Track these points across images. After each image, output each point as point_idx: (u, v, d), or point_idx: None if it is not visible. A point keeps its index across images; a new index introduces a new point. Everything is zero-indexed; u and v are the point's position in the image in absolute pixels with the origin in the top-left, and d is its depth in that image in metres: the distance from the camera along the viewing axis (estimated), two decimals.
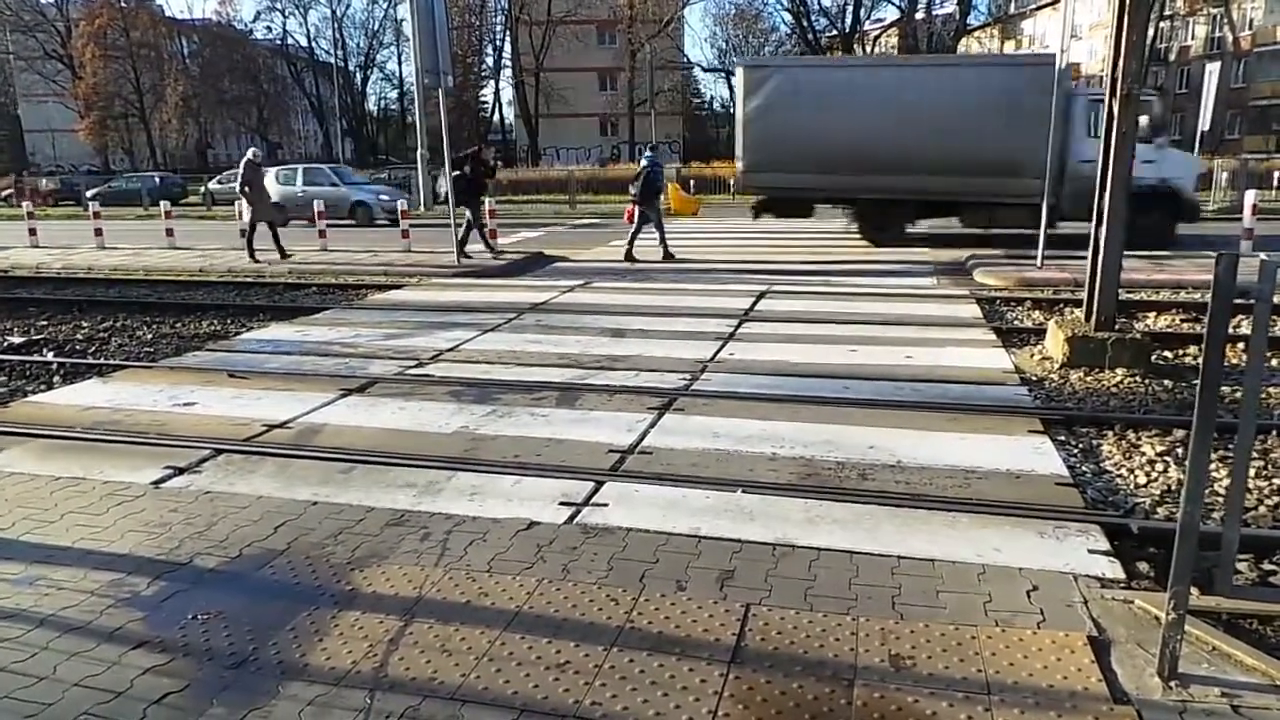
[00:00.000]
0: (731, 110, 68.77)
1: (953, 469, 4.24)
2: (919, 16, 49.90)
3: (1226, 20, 40.89)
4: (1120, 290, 6.55)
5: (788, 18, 53.94)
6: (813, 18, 48.24)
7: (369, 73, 67.46)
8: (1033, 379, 6.13)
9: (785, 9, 56.37)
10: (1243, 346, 6.31)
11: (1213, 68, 19.28)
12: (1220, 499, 3.83)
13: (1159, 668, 2.55)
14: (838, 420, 5.02)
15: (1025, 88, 12.47)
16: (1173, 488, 4.16)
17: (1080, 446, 4.76)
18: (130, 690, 2.57)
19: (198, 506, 3.92)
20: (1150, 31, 6.90)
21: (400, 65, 67.26)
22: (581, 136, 54.53)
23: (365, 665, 2.68)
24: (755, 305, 8.95)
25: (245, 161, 13.43)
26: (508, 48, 55.92)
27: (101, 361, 7.30)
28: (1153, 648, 2.62)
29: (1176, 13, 44.23)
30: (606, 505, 3.87)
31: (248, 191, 13.27)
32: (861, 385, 5.80)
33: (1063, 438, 4.83)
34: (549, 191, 31.66)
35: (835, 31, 49.05)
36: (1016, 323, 8.30)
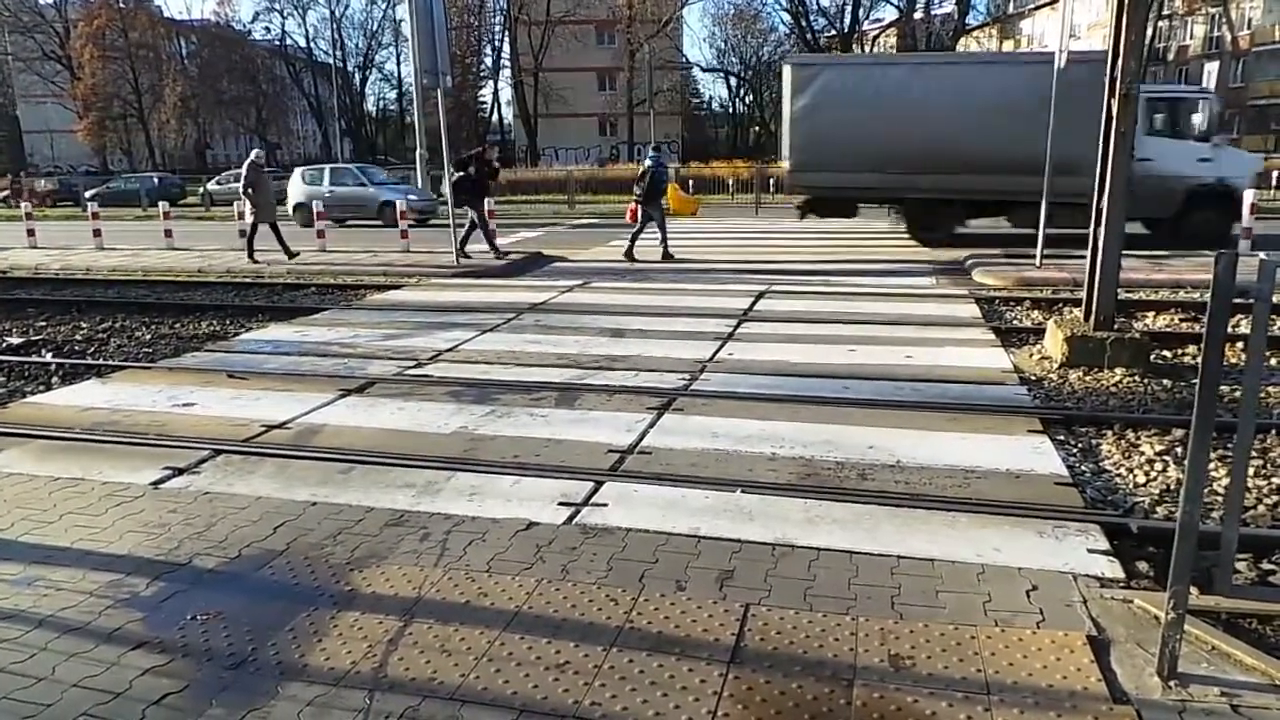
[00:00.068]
0: (730, 110, 69.39)
1: (952, 469, 4.24)
2: (918, 16, 49.94)
3: (1225, 20, 40.87)
4: (1119, 290, 6.56)
5: (786, 18, 54.10)
6: (811, 18, 48.31)
7: (368, 73, 67.65)
8: (1032, 378, 6.13)
9: (784, 9, 56.64)
10: (1242, 346, 6.32)
11: (1211, 67, 19.31)
12: (1219, 498, 3.84)
13: (1158, 667, 2.55)
14: (837, 420, 5.02)
15: (1081, 85, 11.74)
16: (1172, 487, 4.16)
17: (1079, 446, 4.76)
18: (129, 691, 2.57)
19: (197, 507, 3.92)
20: (1149, 31, 6.93)
21: (399, 65, 67.38)
22: (580, 136, 54.57)
23: (364, 665, 2.68)
24: (754, 305, 8.95)
25: (249, 163, 13.42)
26: (506, 48, 56.00)
27: (100, 362, 7.29)
28: (1152, 647, 2.62)
29: (1175, 12, 44.24)
30: (606, 505, 3.87)
31: (251, 193, 13.25)
32: (861, 385, 5.80)
33: (1062, 437, 4.83)
34: (548, 191, 31.64)
35: (834, 32, 49.09)
36: (1016, 322, 8.31)
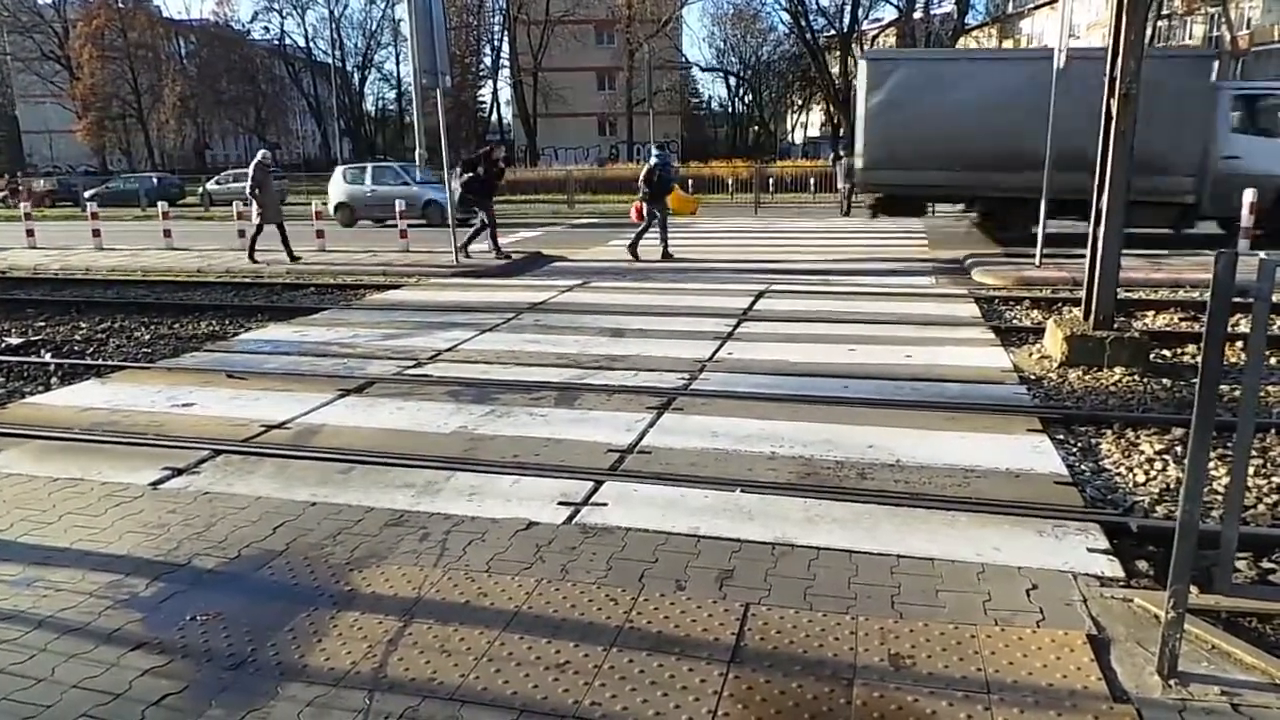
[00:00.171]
0: (730, 110, 69.46)
1: (952, 468, 4.24)
2: (917, 16, 49.94)
3: (1224, 19, 40.83)
4: (1119, 289, 6.56)
5: (785, 17, 54.03)
6: (811, 17, 48.28)
7: (367, 73, 67.65)
8: (1031, 378, 6.13)
9: (783, 9, 56.52)
10: (1241, 345, 6.32)
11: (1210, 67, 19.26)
12: (1219, 497, 3.84)
13: (1158, 666, 2.55)
14: (837, 419, 5.02)
15: (1172, 81, 11.69)
16: (1172, 486, 4.16)
17: (1079, 445, 4.76)
18: (129, 691, 2.57)
19: (196, 507, 3.91)
20: (1148, 30, 6.97)
21: (398, 65, 67.32)
22: (580, 136, 54.57)
23: (364, 666, 2.68)
24: (754, 304, 8.94)
25: (255, 163, 13.36)
26: (506, 47, 56.01)
27: (99, 362, 7.29)
28: (1152, 646, 2.62)
29: (1174, 12, 44.24)
30: (605, 505, 3.86)
31: (258, 193, 13.23)
32: (860, 384, 5.80)
33: (1061, 436, 4.83)
34: (547, 191, 31.61)
35: (833, 31, 49.10)
36: (1015, 322, 8.31)
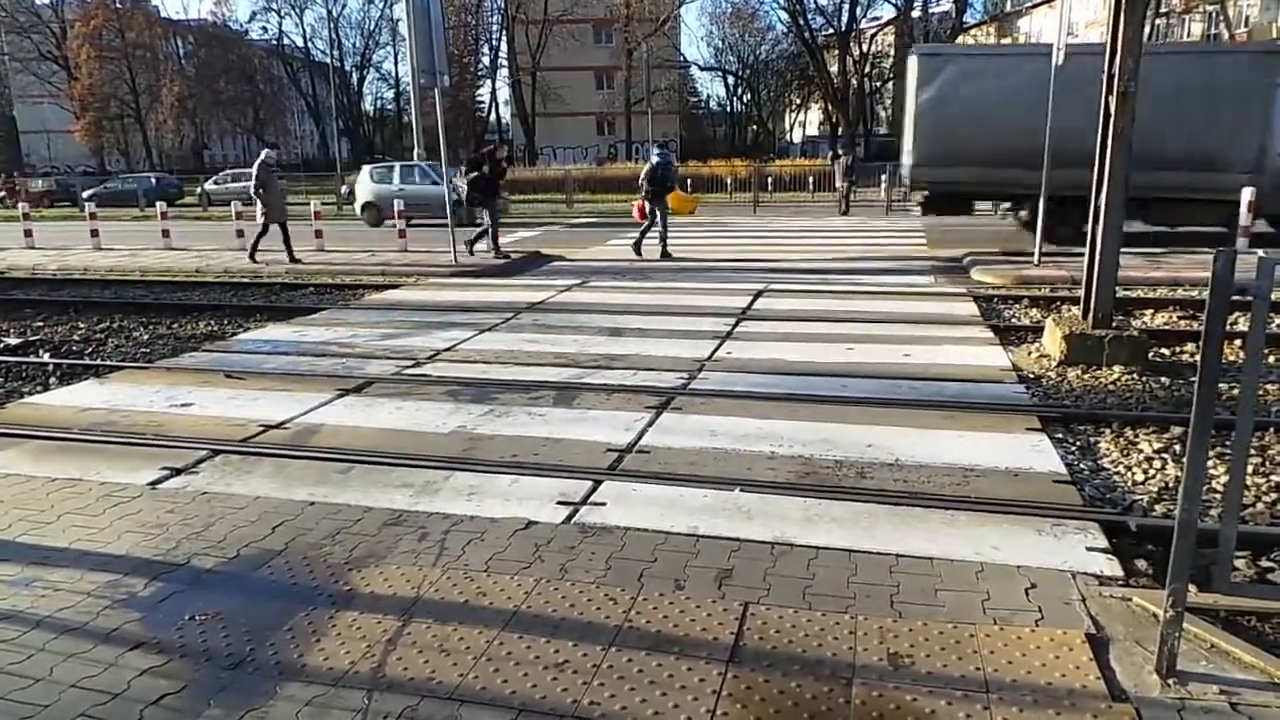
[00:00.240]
0: (728, 109, 69.42)
1: (951, 467, 4.24)
2: (915, 15, 49.95)
3: (1222, 17, 40.87)
4: (1118, 288, 6.56)
5: (784, 16, 54.06)
6: (809, 16, 48.29)
7: (365, 73, 67.60)
8: (1030, 376, 6.13)
9: (781, 7, 56.63)
10: (1240, 344, 6.32)
11: None
12: (1218, 496, 3.84)
13: (1157, 665, 2.55)
14: (836, 419, 5.02)
15: (1228, 78, 11.60)
16: (1170, 485, 4.16)
17: (1078, 444, 4.76)
18: (127, 691, 2.57)
19: (195, 507, 3.91)
20: (1146, 29, 6.95)
21: (396, 65, 67.30)
22: (578, 135, 54.53)
23: (363, 665, 2.68)
24: (753, 304, 8.94)
25: (259, 163, 13.34)
26: (504, 47, 55.92)
27: (98, 362, 7.28)
28: (1151, 645, 2.62)
29: (1173, 10, 44.26)
30: (604, 504, 3.86)
31: (262, 193, 13.22)
32: (859, 383, 5.80)
33: (1060, 435, 4.83)
34: (546, 190, 31.59)
35: (831, 30, 49.10)
36: (1014, 320, 8.31)
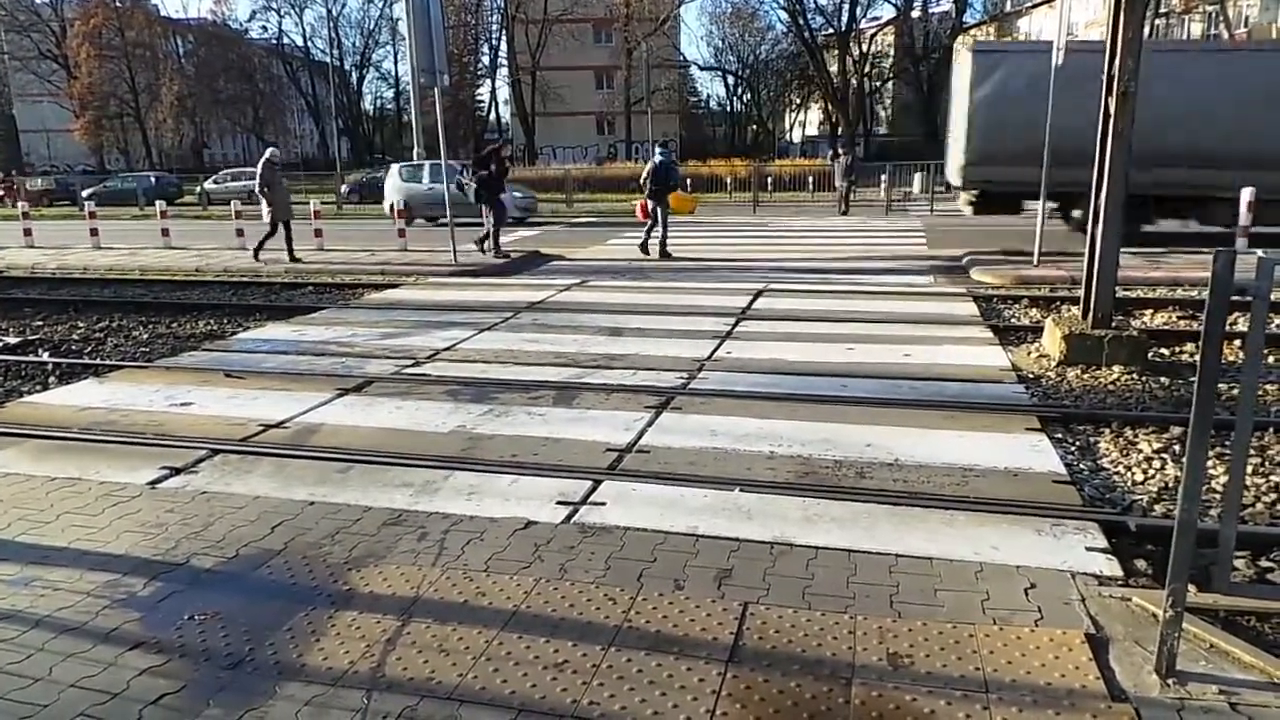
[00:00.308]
0: (728, 109, 69.39)
1: (950, 467, 4.24)
2: (915, 15, 49.97)
3: (1222, 18, 40.86)
4: (1117, 287, 6.56)
5: (783, 16, 54.05)
6: (809, 16, 48.29)
7: (365, 72, 67.60)
8: (1030, 376, 6.13)
9: (781, 7, 56.63)
10: (1240, 344, 6.32)
11: None
12: (1217, 496, 3.84)
13: (1157, 665, 2.55)
14: (835, 419, 5.02)
15: None
16: (1170, 485, 4.16)
17: (1078, 444, 4.76)
18: (126, 691, 2.57)
19: (194, 507, 3.91)
20: (1146, 29, 6.93)
21: (396, 64, 67.29)
22: (578, 135, 54.51)
23: (362, 665, 2.68)
24: (752, 303, 8.94)
25: (264, 161, 13.30)
26: (504, 46, 55.91)
27: (97, 362, 7.28)
28: (1150, 645, 2.62)
29: (1172, 10, 44.26)
30: (604, 504, 3.86)
31: (267, 191, 13.20)
32: (859, 383, 5.80)
33: (1060, 435, 4.83)
34: (545, 190, 31.46)
35: (831, 30, 49.10)
36: (1014, 320, 8.31)
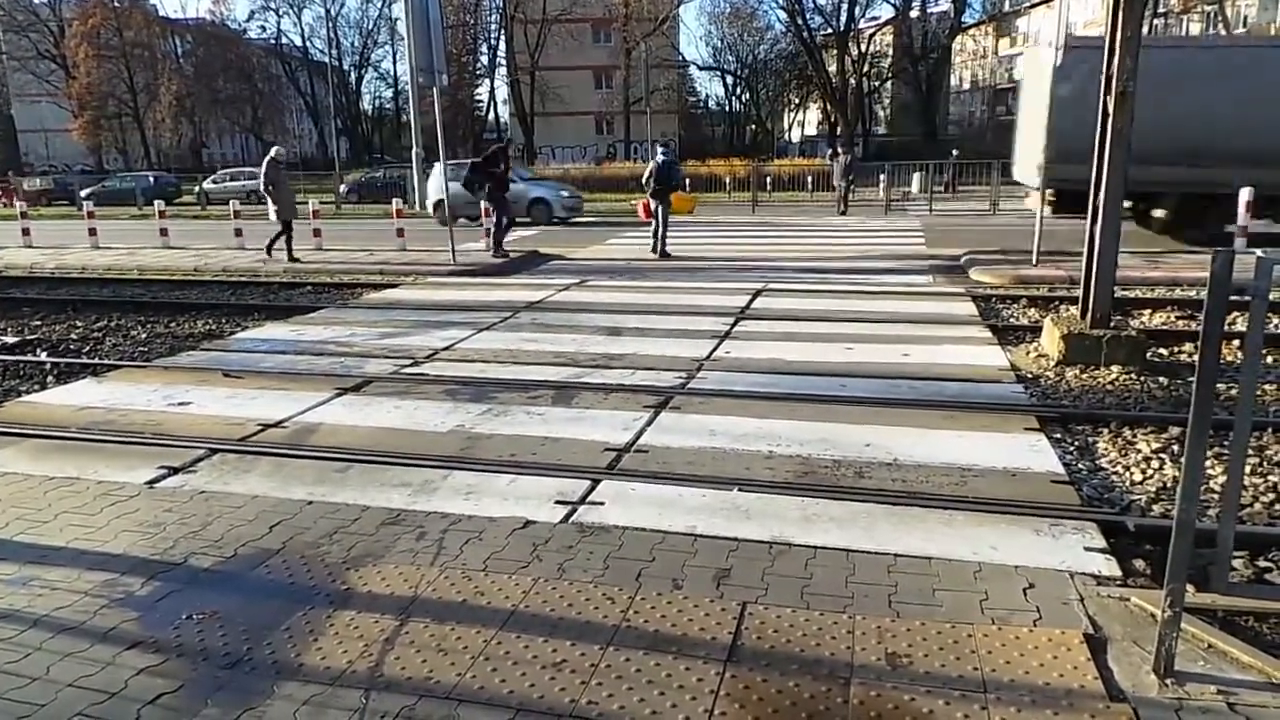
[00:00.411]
0: (727, 108, 69.38)
1: (949, 467, 4.24)
2: (914, 14, 50.00)
3: (1221, 18, 40.93)
4: (1116, 287, 6.56)
5: (782, 16, 54.06)
6: (807, 16, 48.32)
7: (364, 72, 67.56)
8: (1029, 376, 6.13)
9: (780, 7, 56.71)
10: (1238, 344, 6.32)
11: None
12: (1216, 496, 3.84)
13: (1155, 665, 2.55)
14: (834, 418, 5.02)
15: None
16: (1169, 485, 4.16)
17: (1076, 444, 4.76)
18: (124, 691, 2.56)
19: (192, 506, 3.90)
20: (1145, 28, 6.93)
21: (395, 64, 67.13)
22: (577, 135, 54.50)
23: (361, 665, 2.67)
24: (751, 303, 8.94)
25: (269, 160, 13.28)
26: (503, 46, 55.93)
27: (96, 361, 7.27)
28: (1149, 645, 2.63)
29: (1171, 10, 44.28)
30: (603, 504, 3.86)
31: (272, 190, 13.19)
32: (858, 383, 5.80)
33: (1059, 435, 4.83)
34: None
35: (830, 30, 49.14)
36: (1012, 320, 8.31)
